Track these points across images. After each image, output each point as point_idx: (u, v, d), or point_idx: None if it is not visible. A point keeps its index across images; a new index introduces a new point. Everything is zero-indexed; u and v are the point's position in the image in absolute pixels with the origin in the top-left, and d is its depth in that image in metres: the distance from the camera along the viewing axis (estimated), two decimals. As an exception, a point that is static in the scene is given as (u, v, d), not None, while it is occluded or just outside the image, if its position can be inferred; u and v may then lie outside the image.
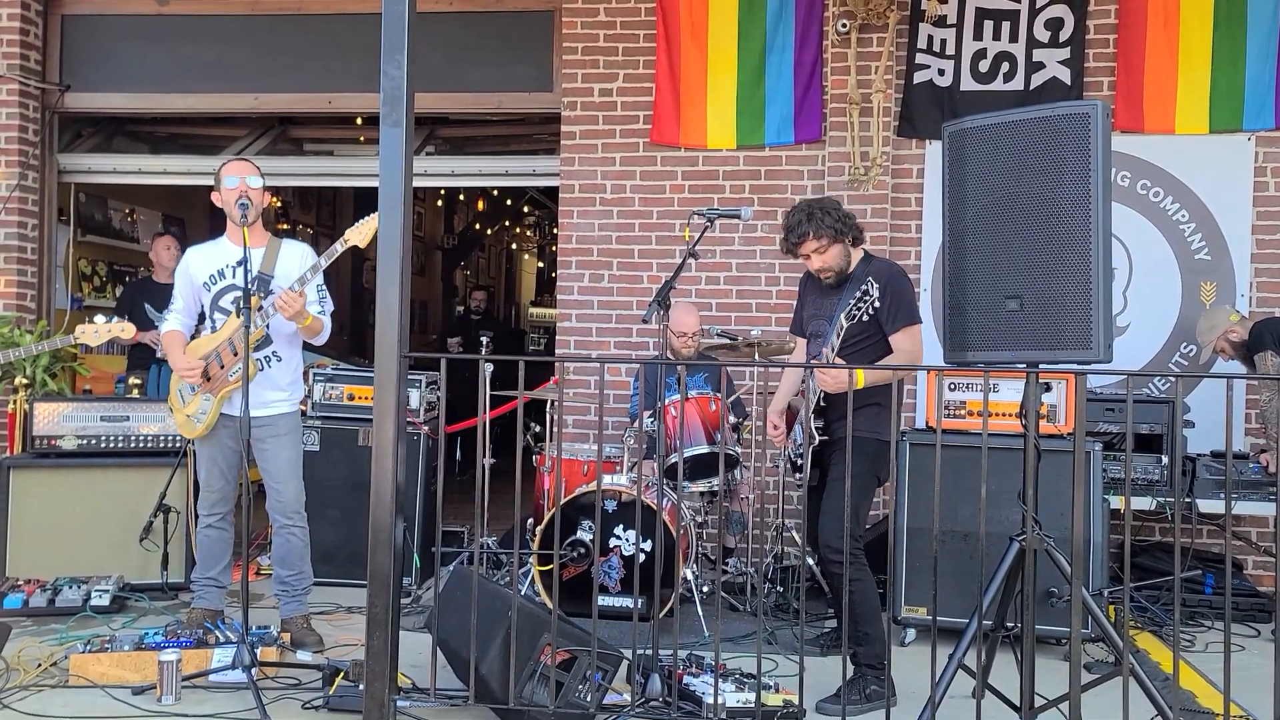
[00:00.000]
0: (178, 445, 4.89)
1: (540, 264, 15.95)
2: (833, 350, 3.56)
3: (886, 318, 3.62)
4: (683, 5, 5.78)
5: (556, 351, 6.00)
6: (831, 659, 3.96)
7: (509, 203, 12.48)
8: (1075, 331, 2.83)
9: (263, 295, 3.92)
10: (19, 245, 6.23)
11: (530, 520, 4.98)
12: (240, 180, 3.98)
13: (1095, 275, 2.80)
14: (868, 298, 3.41)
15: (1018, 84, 5.58)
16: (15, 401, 5.36)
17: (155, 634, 3.75)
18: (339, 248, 3.91)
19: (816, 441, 3.68)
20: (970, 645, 2.93)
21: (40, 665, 3.72)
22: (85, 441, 4.92)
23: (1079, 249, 2.82)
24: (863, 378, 3.54)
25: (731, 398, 5.00)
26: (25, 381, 5.34)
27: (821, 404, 3.68)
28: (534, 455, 5.20)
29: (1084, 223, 2.82)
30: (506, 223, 13.92)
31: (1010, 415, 4.16)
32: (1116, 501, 4.58)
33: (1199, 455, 4.92)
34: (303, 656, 3.84)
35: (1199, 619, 4.81)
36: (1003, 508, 3.82)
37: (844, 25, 5.57)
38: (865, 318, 3.47)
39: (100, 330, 4.57)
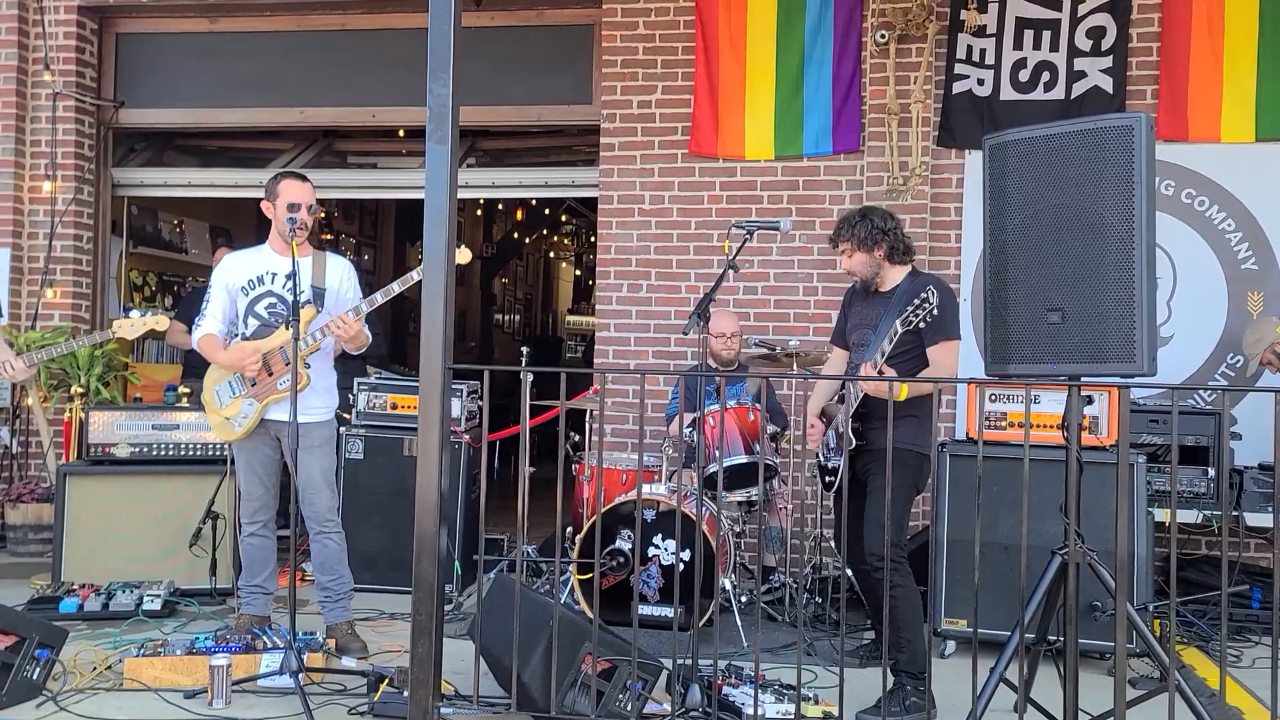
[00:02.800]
0: (225, 454, 4.99)
1: (577, 272, 16.03)
2: (882, 355, 3.56)
3: (927, 330, 3.63)
4: (721, 17, 5.82)
5: (595, 361, 6.04)
6: (871, 670, 3.96)
7: (547, 212, 12.57)
8: (1119, 344, 2.82)
9: (319, 307, 4.01)
10: (75, 258, 6.40)
11: (570, 529, 5.02)
12: (301, 208, 4.05)
13: (1139, 288, 2.78)
14: (926, 304, 3.42)
15: (1058, 93, 5.54)
16: (71, 410, 5.51)
17: (205, 639, 3.84)
18: (396, 287, 3.99)
19: (853, 444, 3.68)
20: (1012, 659, 2.92)
21: (96, 669, 3.82)
22: (137, 449, 5.04)
23: (1123, 262, 2.81)
24: (906, 391, 3.54)
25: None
26: (80, 390, 5.48)
27: (861, 410, 3.69)
28: (573, 464, 5.25)
29: (1127, 235, 2.80)
30: (544, 231, 14.01)
31: (1051, 426, 4.13)
32: (1161, 514, 4.53)
33: (1246, 468, 4.86)
34: (348, 663, 3.90)
35: (1246, 634, 4.74)
36: (1044, 519, 3.80)
37: (883, 36, 5.57)
38: (922, 325, 3.48)
39: (136, 324, 4.63)
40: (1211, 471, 4.85)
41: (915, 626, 3.61)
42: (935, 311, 3.45)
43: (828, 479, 3.92)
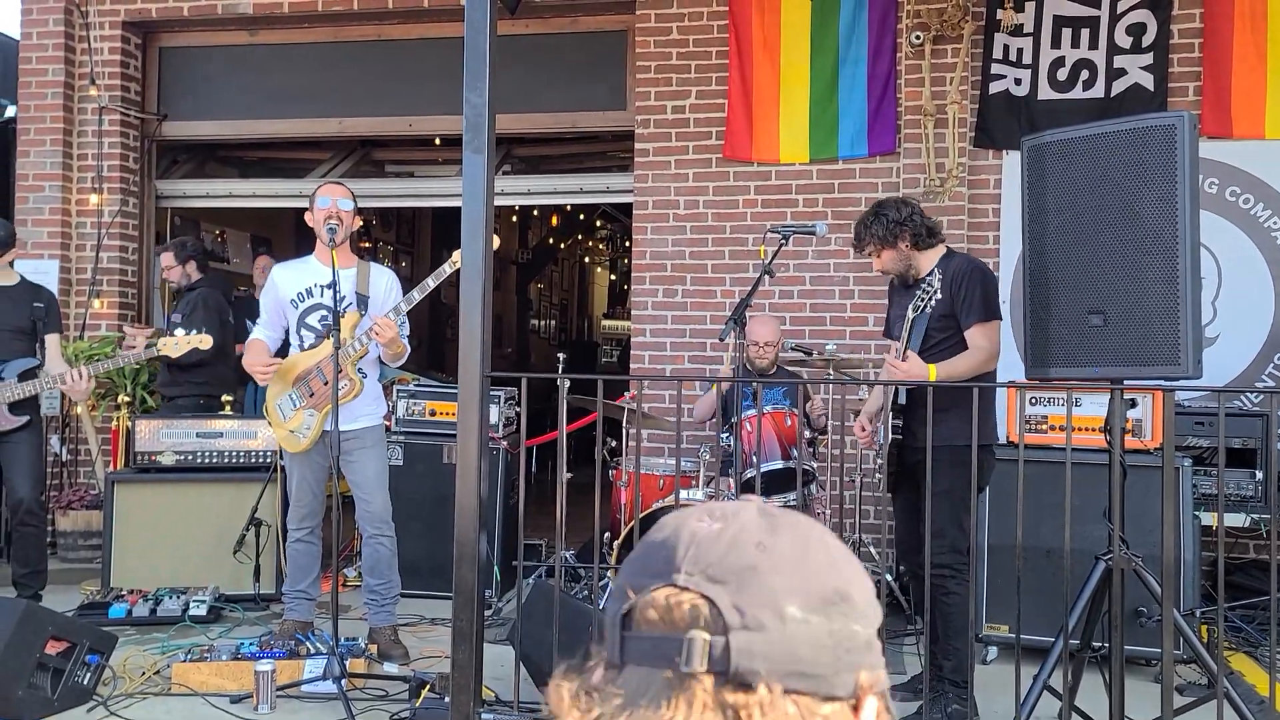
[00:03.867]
0: (268, 461, 5.07)
1: (613, 277, 16.06)
2: (905, 342, 3.54)
3: (962, 311, 3.57)
4: (755, 20, 5.81)
5: (631, 366, 6.05)
6: (912, 670, 3.93)
7: (582, 217, 12.61)
8: (1163, 347, 2.79)
9: (362, 313, 4.07)
10: (120, 268, 6.52)
11: (608, 534, 5.03)
12: (331, 201, 4.12)
13: (1184, 290, 2.75)
14: (928, 290, 3.39)
15: (1098, 91, 5.48)
16: (118, 419, 5.61)
17: (250, 644, 3.89)
18: (431, 283, 4.03)
19: (891, 440, 3.64)
20: (1056, 665, 2.89)
21: (144, 673, 3.89)
22: (182, 457, 5.12)
23: (1166, 263, 2.78)
24: (934, 371, 3.49)
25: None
26: (127, 399, 5.58)
27: (900, 403, 3.64)
28: (610, 470, 5.26)
29: (1171, 236, 2.77)
30: (579, 236, 14.06)
31: (1094, 430, 4.08)
32: (1208, 518, 4.45)
33: (1295, 470, 4.76)
34: (389, 668, 3.94)
35: (1297, 639, 4.64)
36: (1086, 524, 3.75)
37: (918, 37, 5.54)
38: (929, 308, 3.44)
39: (180, 342, 4.73)
40: (1259, 474, 4.76)
41: (963, 634, 3.57)
42: (938, 295, 3.41)
43: (878, 478, 3.88)
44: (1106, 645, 3.01)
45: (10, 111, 6.71)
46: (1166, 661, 2.84)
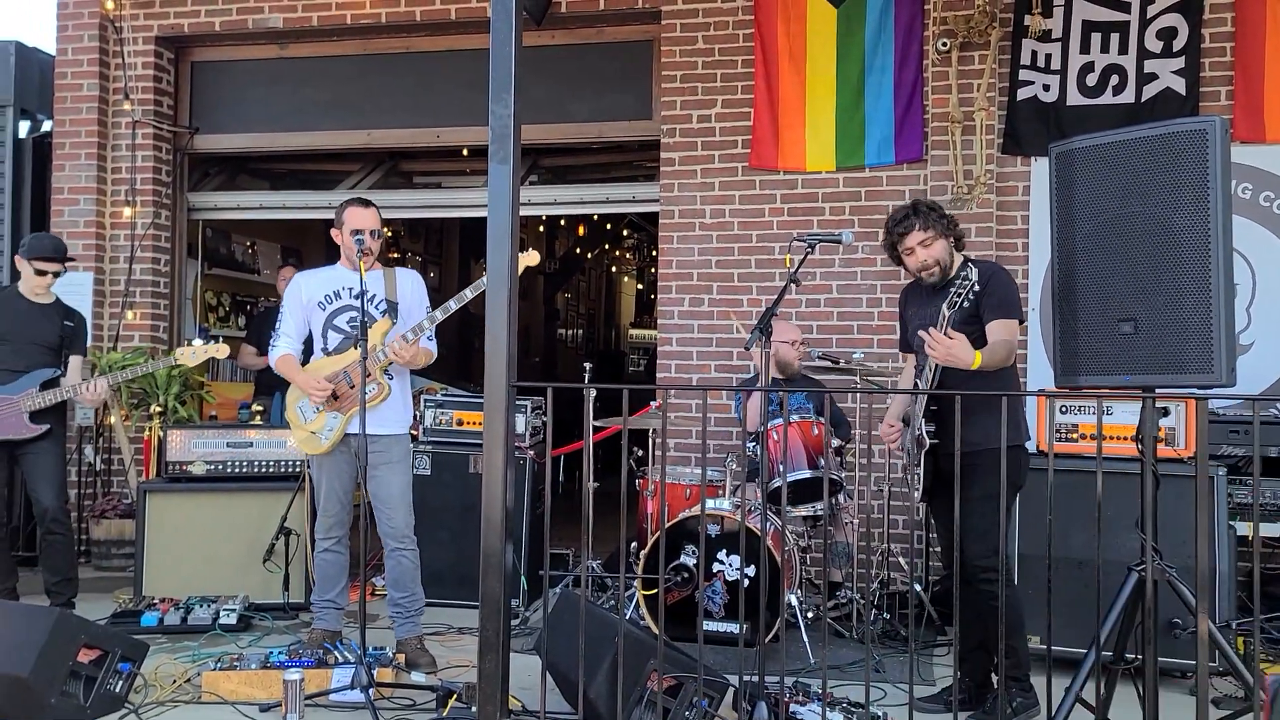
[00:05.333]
0: (297, 470, 5.11)
1: (639, 286, 16.09)
2: (945, 321, 3.49)
3: (986, 306, 3.56)
4: (780, 29, 5.81)
5: (657, 375, 6.05)
6: (942, 683, 3.89)
7: (608, 227, 12.66)
8: (1195, 354, 2.75)
9: (393, 319, 4.09)
10: (153, 280, 6.61)
11: (634, 544, 5.03)
12: (365, 235, 4.13)
13: (1216, 296, 2.71)
14: (967, 283, 3.36)
15: (1128, 96, 5.42)
16: (151, 428, 5.68)
17: (279, 653, 3.92)
18: (454, 304, 4.07)
19: (927, 445, 3.60)
20: (1088, 678, 2.85)
21: (175, 681, 3.93)
22: (213, 467, 5.18)
23: (1198, 270, 2.74)
24: (979, 359, 3.44)
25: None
26: (159, 409, 5.65)
27: (932, 408, 3.61)
28: (636, 479, 5.26)
29: (1203, 243, 2.73)
30: (606, 246, 14.10)
31: (1125, 438, 4.03)
32: (1243, 528, 4.38)
33: (1334, 479, 4.68)
34: (417, 677, 3.95)
35: (1337, 652, 4.56)
36: (1118, 534, 3.70)
37: (944, 44, 5.51)
38: (966, 304, 3.41)
39: (198, 351, 4.78)
40: (1297, 483, 4.68)
41: (1018, 633, 3.53)
42: (977, 287, 3.39)
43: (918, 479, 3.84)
44: (1140, 657, 2.97)
45: (46, 126, 6.83)
46: (1201, 674, 2.79)
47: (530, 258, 4.08)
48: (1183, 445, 4.17)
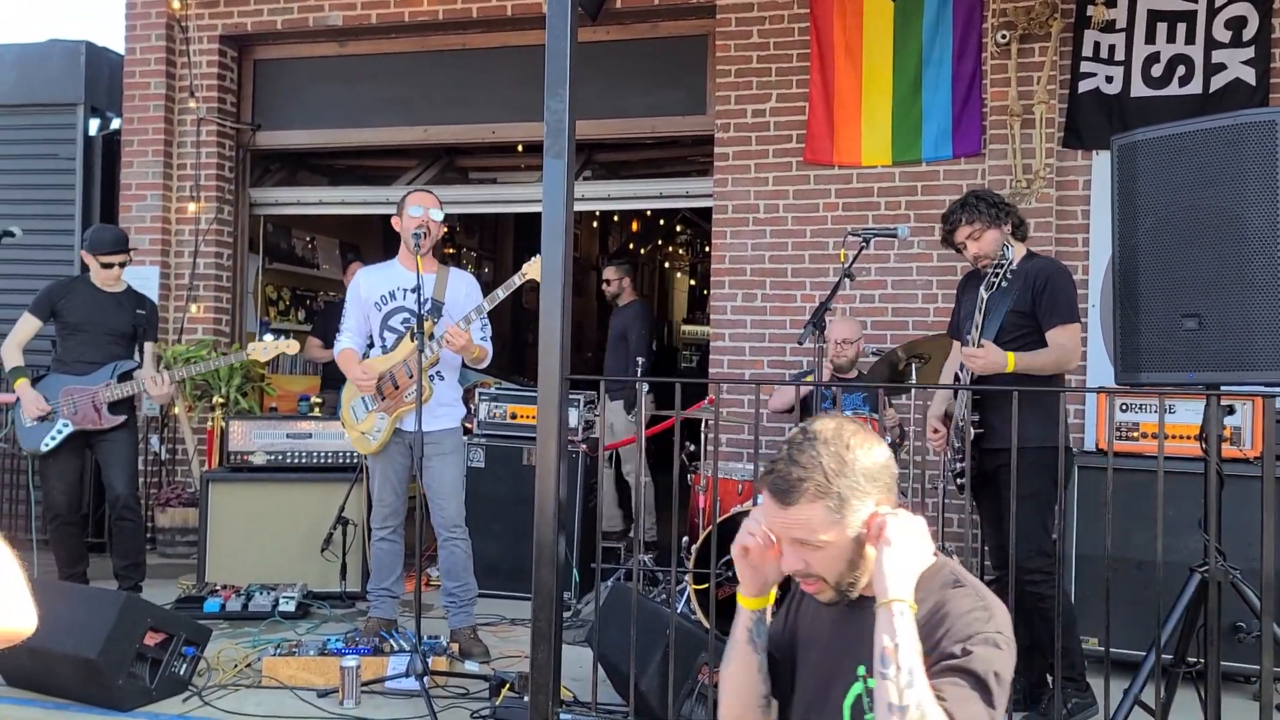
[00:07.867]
0: (355, 461, 5.19)
1: (692, 282, 16.05)
2: (978, 330, 3.49)
3: (1044, 311, 3.54)
4: (837, 22, 5.76)
5: (710, 370, 6.04)
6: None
7: (662, 222, 12.64)
8: (1263, 350, 2.68)
9: (435, 320, 4.14)
10: (216, 274, 6.76)
11: (685, 539, 5.03)
12: (424, 211, 4.21)
13: (1286, 291, 2.64)
14: (1001, 266, 3.35)
15: (1195, 88, 5.28)
16: (213, 419, 5.81)
17: (337, 640, 3.99)
18: (501, 294, 4.09)
19: (971, 435, 3.57)
20: (1148, 680, 2.80)
21: (237, 666, 4.03)
22: (273, 457, 5.29)
23: (1268, 264, 2.68)
24: (1013, 361, 3.44)
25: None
26: (221, 400, 5.78)
27: (976, 400, 3.59)
28: (689, 474, 5.26)
29: (1272, 235, 2.67)
30: (659, 241, 14.10)
31: (1188, 438, 3.94)
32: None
33: None
34: (470, 667, 4.01)
35: None
36: (1180, 535, 3.63)
37: (1004, 36, 5.42)
38: (1002, 284, 3.40)
39: (269, 347, 4.89)
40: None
41: (1070, 631, 3.49)
42: (1014, 267, 3.37)
43: (959, 482, 3.82)
44: (1202, 661, 2.91)
45: (115, 124, 7.01)
46: (1265, 678, 2.72)
47: (533, 268, 4.02)
48: (1249, 446, 4.07)
